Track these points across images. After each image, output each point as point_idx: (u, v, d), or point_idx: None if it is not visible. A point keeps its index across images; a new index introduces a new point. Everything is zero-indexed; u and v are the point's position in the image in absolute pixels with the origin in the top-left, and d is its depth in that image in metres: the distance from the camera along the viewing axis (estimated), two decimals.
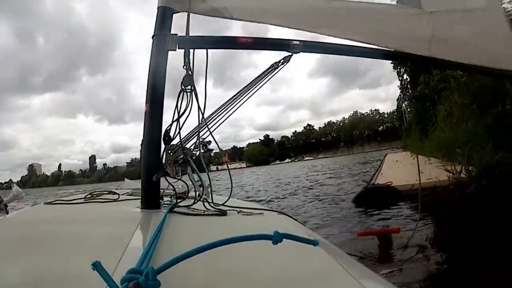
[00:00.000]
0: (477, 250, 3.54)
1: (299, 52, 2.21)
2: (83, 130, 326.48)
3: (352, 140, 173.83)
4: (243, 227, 1.67)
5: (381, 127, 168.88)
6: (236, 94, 2.23)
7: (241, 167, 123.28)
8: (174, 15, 2.14)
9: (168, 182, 1.99)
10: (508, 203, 4.36)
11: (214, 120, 2.20)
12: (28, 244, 1.15)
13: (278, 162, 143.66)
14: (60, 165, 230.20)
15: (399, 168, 13.09)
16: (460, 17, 2.34)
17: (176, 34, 2.08)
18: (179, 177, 2.03)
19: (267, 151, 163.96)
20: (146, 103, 2.04)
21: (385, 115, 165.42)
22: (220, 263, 0.91)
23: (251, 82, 2.24)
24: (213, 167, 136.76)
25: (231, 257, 0.96)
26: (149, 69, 2.07)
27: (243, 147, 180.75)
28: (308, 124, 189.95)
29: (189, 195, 2.07)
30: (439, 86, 21.57)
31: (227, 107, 2.22)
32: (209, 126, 2.12)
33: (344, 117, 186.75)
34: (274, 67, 2.24)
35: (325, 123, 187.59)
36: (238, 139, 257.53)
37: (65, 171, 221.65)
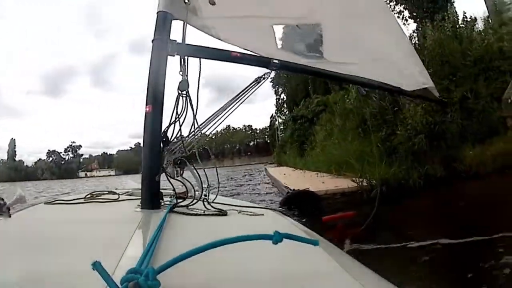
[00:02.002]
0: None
1: (276, 70, 2.55)
2: None
3: (223, 153, 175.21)
4: (243, 227, 1.69)
5: (252, 142, 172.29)
6: (224, 105, 2.44)
7: (110, 175, 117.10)
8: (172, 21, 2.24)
9: (170, 182, 2.07)
10: (398, 201, 6.94)
11: (205, 128, 2.38)
12: (29, 244, 1.16)
13: None
14: None
15: (294, 179, 14.39)
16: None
17: (175, 41, 2.18)
18: (178, 178, 2.11)
19: (137, 160, 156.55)
20: (146, 105, 2.08)
21: (257, 131, 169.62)
22: (220, 263, 0.92)
23: (237, 94, 2.49)
24: (82, 174, 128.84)
25: (231, 257, 0.96)
26: (149, 72, 2.14)
27: (113, 154, 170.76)
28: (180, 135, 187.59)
29: (189, 195, 2.13)
30: (317, 109, 24.05)
31: (216, 117, 2.42)
32: (197, 134, 2.23)
33: (217, 130, 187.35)
34: (257, 81, 2.53)
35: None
36: (109, 145, 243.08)
37: None
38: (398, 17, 22.83)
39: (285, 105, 52.99)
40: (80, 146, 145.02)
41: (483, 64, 9.42)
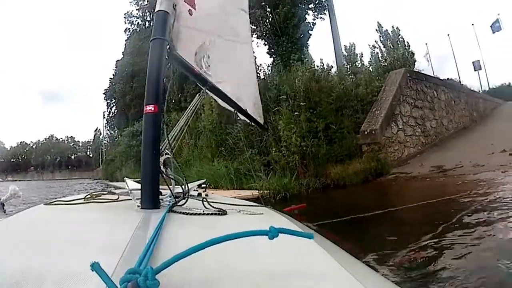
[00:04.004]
0: None
1: (209, 88, 2.80)
2: None
3: (43, 165, 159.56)
4: (243, 226, 1.50)
5: (74, 155, 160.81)
6: (184, 115, 2.65)
7: None
8: None
9: (166, 182, 2.09)
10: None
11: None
12: (28, 244, 1.16)
13: None
14: None
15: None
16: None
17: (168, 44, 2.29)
18: (178, 178, 2.16)
19: None
20: (146, 105, 2.08)
21: (80, 144, 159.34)
22: (218, 261, 0.94)
23: (193, 104, 2.77)
24: None
25: (229, 255, 0.97)
26: (148, 71, 2.14)
27: None
28: None
29: (185, 195, 2.13)
30: None
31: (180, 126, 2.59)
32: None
33: (39, 139, 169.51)
34: (202, 95, 2.84)
35: (17, 142, 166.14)
36: None
37: None
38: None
39: (114, 119, 50.40)
40: None
41: (341, 102, 12.10)
